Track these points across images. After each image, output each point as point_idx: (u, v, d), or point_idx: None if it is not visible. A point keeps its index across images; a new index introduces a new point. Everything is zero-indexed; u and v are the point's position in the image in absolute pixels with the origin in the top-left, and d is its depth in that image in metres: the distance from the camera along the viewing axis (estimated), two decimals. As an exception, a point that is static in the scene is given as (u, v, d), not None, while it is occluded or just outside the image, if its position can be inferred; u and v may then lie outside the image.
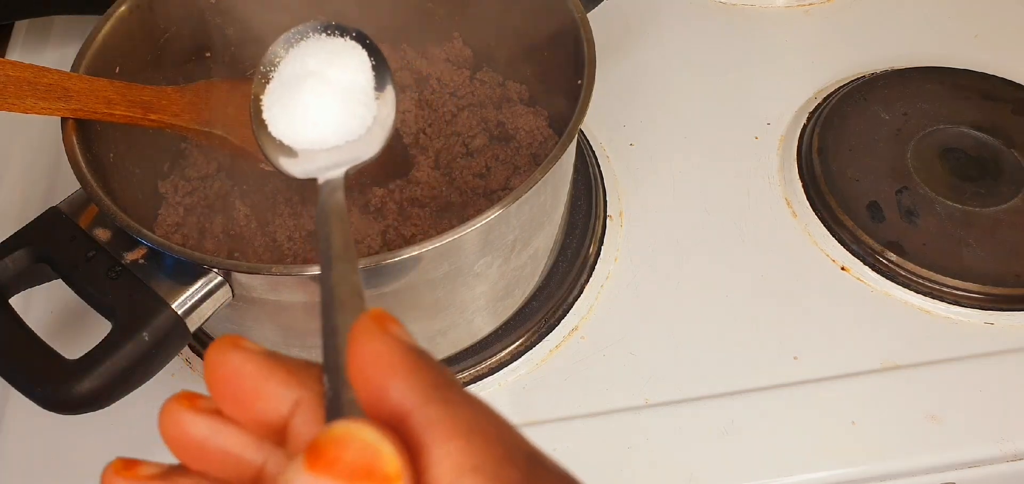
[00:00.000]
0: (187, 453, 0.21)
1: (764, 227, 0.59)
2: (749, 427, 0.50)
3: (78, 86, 0.48)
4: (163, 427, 0.22)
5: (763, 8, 0.75)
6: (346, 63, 0.35)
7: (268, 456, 0.22)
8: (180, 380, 0.54)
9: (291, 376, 0.21)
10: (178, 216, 0.56)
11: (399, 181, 0.57)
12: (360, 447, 0.17)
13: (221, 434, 0.21)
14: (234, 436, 0.21)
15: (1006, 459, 0.48)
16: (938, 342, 0.53)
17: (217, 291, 0.44)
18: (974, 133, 0.62)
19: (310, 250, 0.53)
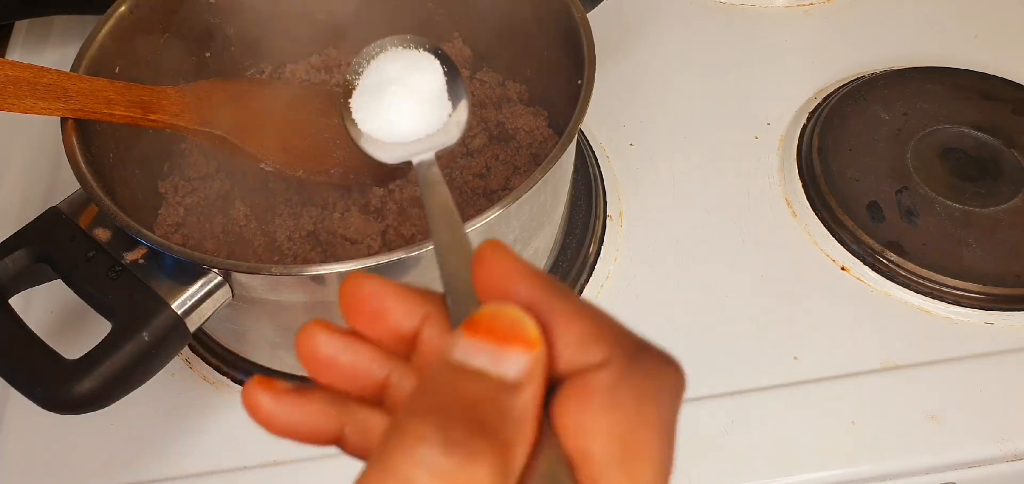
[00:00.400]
0: (318, 368, 0.24)
1: (764, 227, 0.59)
2: (749, 427, 0.50)
3: (78, 86, 0.48)
4: (298, 345, 0.24)
5: (763, 8, 0.75)
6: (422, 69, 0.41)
7: (393, 369, 0.24)
8: (180, 380, 0.54)
9: (420, 296, 0.24)
10: (178, 216, 0.56)
11: (399, 181, 0.57)
12: (508, 319, 0.20)
13: (350, 350, 0.24)
14: (362, 352, 0.24)
15: (1006, 459, 0.48)
16: (938, 342, 0.53)
17: (217, 291, 0.44)
18: (974, 133, 0.62)
19: (310, 250, 0.53)
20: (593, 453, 0.19)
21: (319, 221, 0.55)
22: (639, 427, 0.19)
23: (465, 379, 0.19)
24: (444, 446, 0.18)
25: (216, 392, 0.54)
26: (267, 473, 0.50)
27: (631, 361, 0.20)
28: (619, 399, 0.19)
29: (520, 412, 0.19)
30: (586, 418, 0.19)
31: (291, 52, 0.64)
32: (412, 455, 0.18)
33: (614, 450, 0.19)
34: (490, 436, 0.18)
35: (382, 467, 0.19)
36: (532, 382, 0.19)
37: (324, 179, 0.56)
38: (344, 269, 0.43)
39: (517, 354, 0.20)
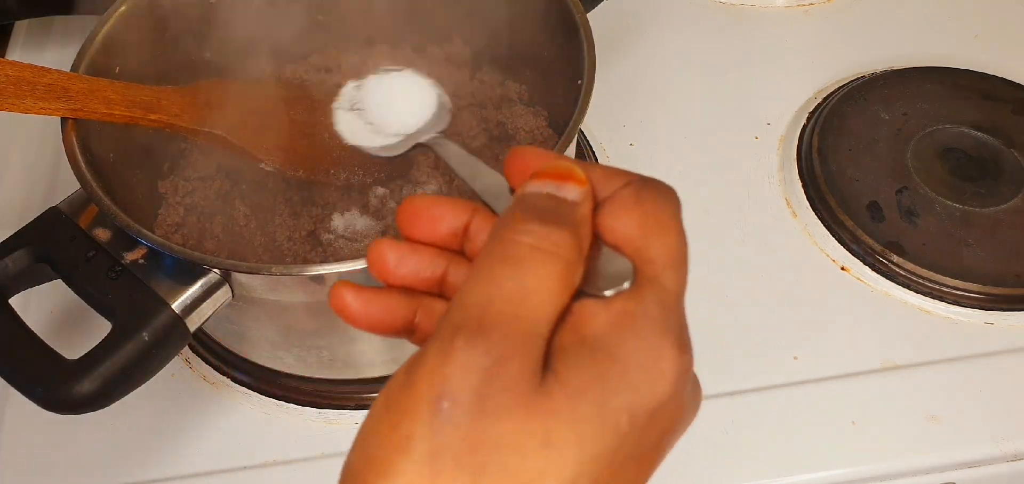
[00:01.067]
0: (388, 273, 0.28)
1: (764, 227, 0.59)
2: (749, 427, 0.50)
3: (78, 86, 0.48)
4: (370, 259, 0.28)
5: (763, 8, 0.75)
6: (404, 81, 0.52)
7: (449, 263, 0.29)
8: (180, 380, 0.54)
9: (465, 201, 0.29)
10: (178, 216, 0.56)
11: (399, 181, 0.57)
12: (564, 165, 0.26)
13: (413, 253, 0.28)
14: (422, 252, 0.29)
15: (1005, 459, 0.48)
16: (938, 342, 0.53)
17: (217, 291, 0.44)
18: (974, 133, 0.62)
19: (310, 250, 0.53)
20: (631, 236, 0.25)
21: (319, 221, 0.55)
22: (660, 210, 0.25)
23: (539, 199, 0.26)
24: (538, 220, 0.24)
25: (216, 392, 0.54)
26: (267, 473, 0.50)
27: (644, 181, 0.26)
28: (641, 198, 0.26)
29: (581, 218, 0.25)
30: (620, 215, 0.25)
31: (291, 52, 0.64)
32: (514, 228, 0.24)
33: (647, 226, 0.25)
34: (565, 221, 0.25)
35: (495, 241, 0.24)
36: (585, 203, 0.25)
37: (324, 179, 0.56)
38: (344, 269, 0.43)
39: (573, 185, 0.26)
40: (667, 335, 0.24)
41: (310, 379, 0.53)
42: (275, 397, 0.53)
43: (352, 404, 0.52)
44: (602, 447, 0.22)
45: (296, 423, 0.52)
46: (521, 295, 0.23)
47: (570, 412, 0.22)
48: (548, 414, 0.21)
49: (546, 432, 0.21)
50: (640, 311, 0.24)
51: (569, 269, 0.24)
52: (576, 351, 0.23)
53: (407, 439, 0.21)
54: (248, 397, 0.53)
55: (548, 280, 0.23)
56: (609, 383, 0.22)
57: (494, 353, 0.22)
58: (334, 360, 0.51)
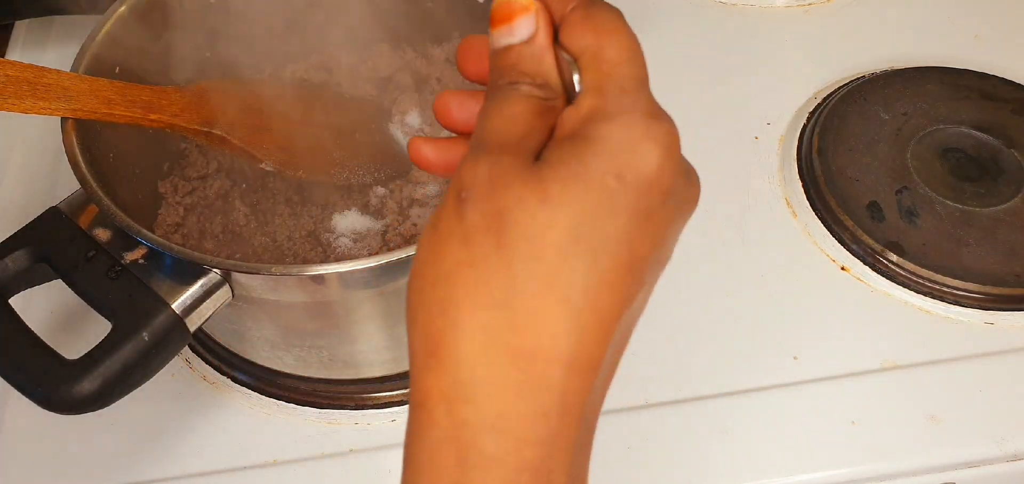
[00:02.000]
0: (453, 119, 0.33)
1: (764, 227, 0.59)
2: (749, 427, 0.50)
3: (78, 86, 0.48)
4: (437, 112, 0.33)
5: (763, 8, 0.75)
6: None
7: None
8: (180, 380, 0.54)
9: None
10: (178, 216, 0.56)
11: (399, 181, 0.57)
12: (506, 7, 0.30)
13: (471, 99, 0.33)
14: (477, 98, 0.32)
15: (1006, 459, 0.48)
16: (938, 342, 0.53)
17: (217, 291, 0.44)
18: (974, 133, 0.62)
19: (310, 250, 0.54)
20: (586, 46, 0.29)
21: (319, 221, 0.55)
22: (607, 19, 0.29)
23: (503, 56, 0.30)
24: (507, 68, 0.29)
25: (216, 392, 0.54)
26: (267, 473, 0.50)
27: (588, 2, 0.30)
28: (590, 13, 0.29)
29: (540, 48, 0.29)
30: (574, 32, 0.29)
31: (291, 52, 0.64)
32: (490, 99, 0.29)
33: (598, 34, 0.29)
34: (524, 62, 0.29)
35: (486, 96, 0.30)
36: (539, 30, 0.29)
37: (324, 179, 0.56)
38: (344, 269, 0.43)
39: (522, 19, 0.29)
40: (634, 110, 0.27)
41: (310, 379, 0.53)
42: (275, 397, 0.53)
43: (352, 404, 0.52)
44: (594, 199, 0.26)
45: (296, 423, 0.52)
46: (506, 122, 0.28)
47: (557, 176, 0.26)
48: (540, 180, 0.26)
49: (543, 192, 0.26)
50: (603, 102, 0.28)
51: (538, 95, 0.29)
52: (558, 144, 0.27)
53: (446, 225, 0.27)
54: (248, 397, 0.53)
55: (524, 107, 0.28)
56: (585, 154, 0.26)
57: (492, 155, 0.27)
58: (334, 360, 0.51)
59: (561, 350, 0.26)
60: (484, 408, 0.26)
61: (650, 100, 0.29)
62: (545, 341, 0.26)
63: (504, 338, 0.26)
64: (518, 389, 0.26)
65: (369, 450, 0.51)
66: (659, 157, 0.27)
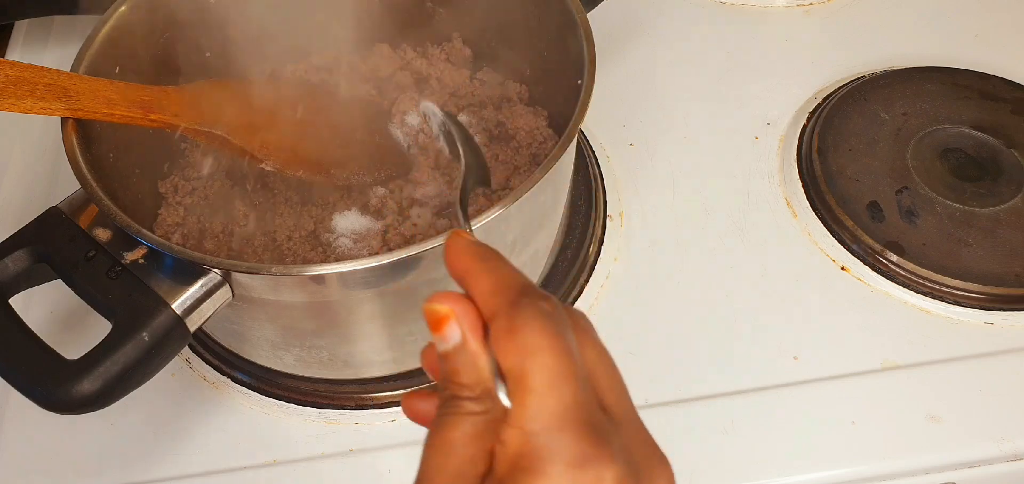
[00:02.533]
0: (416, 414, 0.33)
1: (764, 227, 0.59)
2: (749, 427, 0.50)
3: (78, 86, 0.48)
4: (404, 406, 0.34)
5: (763, 8, 0.75)
6: None
7: None
8: (180, 380, 0.54)
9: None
10: (178, 216, 0.56)
11: (399, 181, 0.57)
12: (430, 312, 0.30)
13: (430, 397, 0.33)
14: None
15: (1006, 459, 0.48)
16: (938, 342, 0.53)
17: (217, 291, 0.44)
18: (974, 133, 0.62)
19: (310, 250, 0.53)
20: (510, 366, 0.28)
21: (319, 221, 0.55)
22: (533, 336, 0.28)
23: (445, 362, 0.30)
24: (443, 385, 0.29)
25: (216, 392, 0.54)
26: (267, 473, 0.50)
27: (517, 307, 0.28)
28: (514, 327, 0.28)
29: (472, 355, 0.29)
30: (499, 348, 0.28)
31: (291, 52, 0.64)
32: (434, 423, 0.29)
33: (523, 354, 0.27)
34: (466, 386, 0.29)
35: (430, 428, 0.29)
36: (467, 337, 0.29)
37: (324, 179, 0.56)
38: (344, 269, 0.43)
39: (446, 329, 0.29)
40: (556, 460, 0.26)
41: (310, 379, 0.53)
42: (275, 397, 0.53)
43: (352, 404, 0.52)
44: None
45: (296, 423, 0.52)
46: (444, 457, 0.28)
47: None
48: None
49: None
50: (527, 446, 0.26)
51: (476, 411, 0.28)
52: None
53: None
54: (248, 397, 0.53)
55: (462, 433, 0.28)
56: None
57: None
58: (334, 360, 0.51)
59: None
60: None
61: (577, 440, 0.27)
62: None
63: None
64: None
65: (369, 450, 0.51)
66: None
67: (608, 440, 0.27)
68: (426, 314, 0.29)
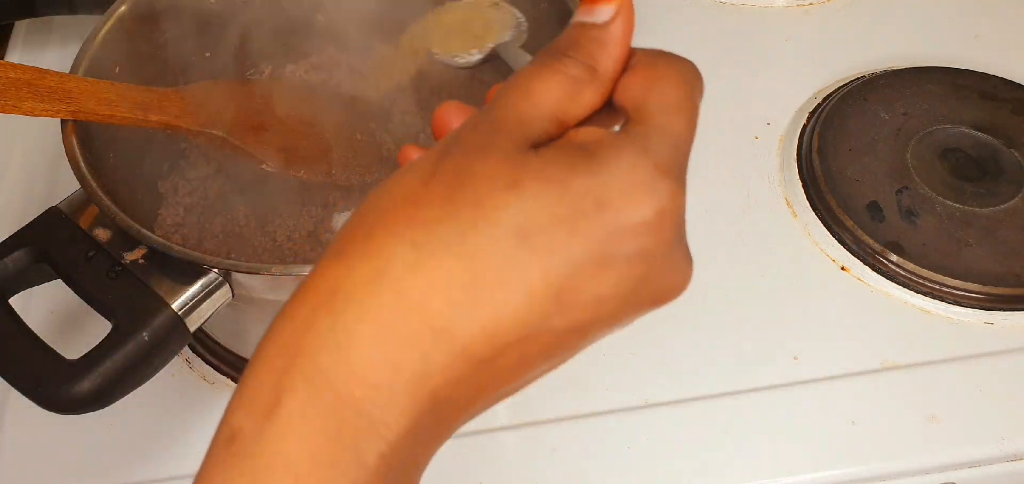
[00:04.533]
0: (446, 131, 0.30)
1: (764, 227, 0.59)
2: (749, 427, 0.50)
3: (78, 87, 0.48)
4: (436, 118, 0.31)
5: (763, 8, 0.75)
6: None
7: None
8: (180, 380, 0.54)
9: None
10: (178, 216, 0.56)
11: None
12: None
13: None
14: None
15: (1006, 459, 0.48)
16: (938, 342, 0.53)
17: (217, 291, 0.44)
18: (974, 133, 0.62)
19: (310, 250, 0.53)
20: (634, 93, 0.27)
21: (319, 221, 0.55)
22: (669, 73, 0.28)
23: (570, 31, 0.28)
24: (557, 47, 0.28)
25: (216, 392, 0.54)
26: (267, 473, 0.50)
27: (664, 54, 0.29)
28: (655, 62, 0.28)
29: (607, 37, 0.28)
30: (631, 76, 0.28)
31: (291, 52, 0.64)
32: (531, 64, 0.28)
33: (650, 84, 0.28)
34: (577, 46, 0.28)
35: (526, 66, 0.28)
36: (618, 18, 0.28)
37: (324, 179, 0.56)
38: (344, 269, 0.43)
39: (606, 4, 0.28)
40: (646, 156, 0.25)
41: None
42: (275, 397, 0.53)
43: (352, 404, 0.52)
44: (561, 210, 0.24)
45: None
46: (524, 92, 0.27)
47: (537, 172, 0.25)
48: (520, 166, 0.25)
49: (515, 177, 0.25)
50: (624, 139, 0.26)
51: (572, 83, 0.27)
52: (561, 145, 0.26)
53: (421, 165, 0.26)
54: (248, 397, 0.53)
55: (552, 85, 0.27)
56: (579, 167, 0.25)
57: (491, 120, 0.26)
58: (334, 360, 0.51)
59: (453, 326, 0.24)
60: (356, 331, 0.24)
61: (674, 160, 0.26)
62: (439, 306, 0.24)
63: (405, 280, 0.24)
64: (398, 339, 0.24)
65: (369, 450, 0.51)
66: (648, 215, 0.25)
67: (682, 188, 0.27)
68: None
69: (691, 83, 0.29)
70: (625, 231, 0.25)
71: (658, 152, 0.26)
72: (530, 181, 0.25)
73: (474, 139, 0.26)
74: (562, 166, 0.25)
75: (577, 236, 0.24)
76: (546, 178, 0.25)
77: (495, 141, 0.26)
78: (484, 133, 0.26)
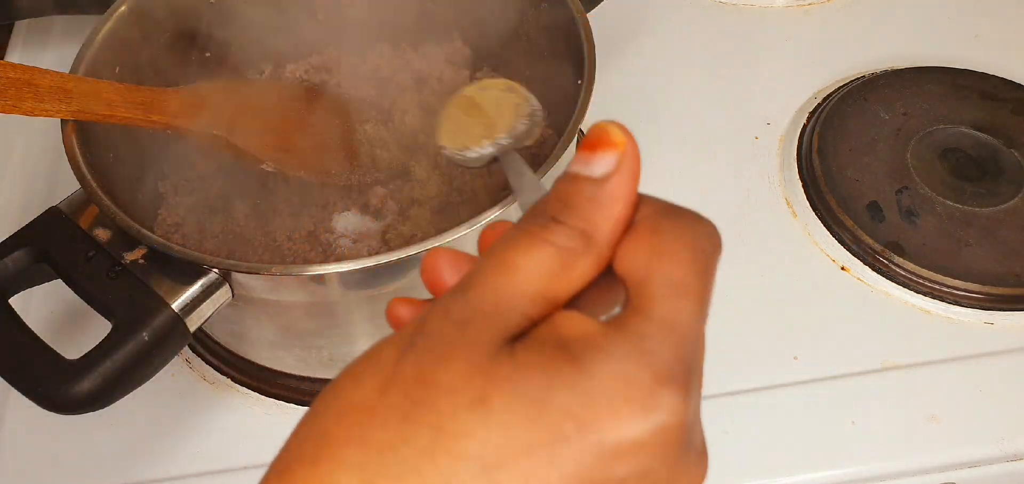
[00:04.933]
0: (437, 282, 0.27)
1: (764, 227, 0.59)
2: (749, 427, 0.50)
3: (78, 87, 0.48)
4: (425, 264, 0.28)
5: (763, 8, 0.75)
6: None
7: None
8: (180, 380, 0.54)
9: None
10: (178, 216, 0.56)
11: (399, 181, 0.57)
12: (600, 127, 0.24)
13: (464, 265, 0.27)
14: None
15: (1006, 459, 0.48)
16: (938, 342, 0.53)
17: (217, 291, 0.44)
18: (974, 133, 0.62)
19: (310, 250, 0.54)
20: (636, 265, 0.23)
21: (319, 221, 0.55)
22: (676, 241, 0.23)
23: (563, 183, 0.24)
24: (542, 209, 0.24)
25: (216, 392, 0.54)
26: (267, 473, 0.50)
27: (671, 210, 0.25)
28: (659, 227, 0.24)
29: (605, 196, 0.24)
30: (632, 242, 0.24)
31: (291, 52, 0.64)
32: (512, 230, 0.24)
33: (655, 255, 0.23)
34: (569, 208, 0.24)
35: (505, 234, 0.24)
36: (619, 172, 0.24)
37: (324, 179, 0.56)
38: (344, 269, 0.43)
39: (604, 154, 0.24)
40: (642, 362, 0.22)
41: (310, 379, 0.53)
42: (275, 397, 0.53)
43: (352, 404, 0.52)
44: (537, 436, 0.21)
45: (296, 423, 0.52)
46: (504, 268, 0.23)
47: (509, 385, 0.21)
48: (489, 376, 0.21)
49: (482, 393, 0.21)
50: (618, 338, 0.22)
51: (562, 256, 0.23)
52: (542, 341, 0.22)
53: (382, 363, 0.23)
54: (248, 397, 0.53)
55: (536, 260, 0.23)
56: (559, 377, 0.21)
57: (464, 303, 0.23)
58: (334, 360, 0.51)
59: None
60: None
61: (679, 360, 0.23)
62: None
63: None
64: None
65: (369, 450, 0.51)
66: (643, 435, 0.21)
67: (694, 391, 0.23)
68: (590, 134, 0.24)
69: (706, 252, 0.24)
70: (616, 454, 0.21)
71: (659, 354, 0.22)
72: (500, 397, 0.21)
73: (442, 331, 0.23)
74: (539, 375, 0.21)
75: (556, 467, 0.21)
76: (519, 394, 0.21)
77: (465, 336, 0.22)
78: (454, 323, 0.23)
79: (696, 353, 0.24)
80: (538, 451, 0.21)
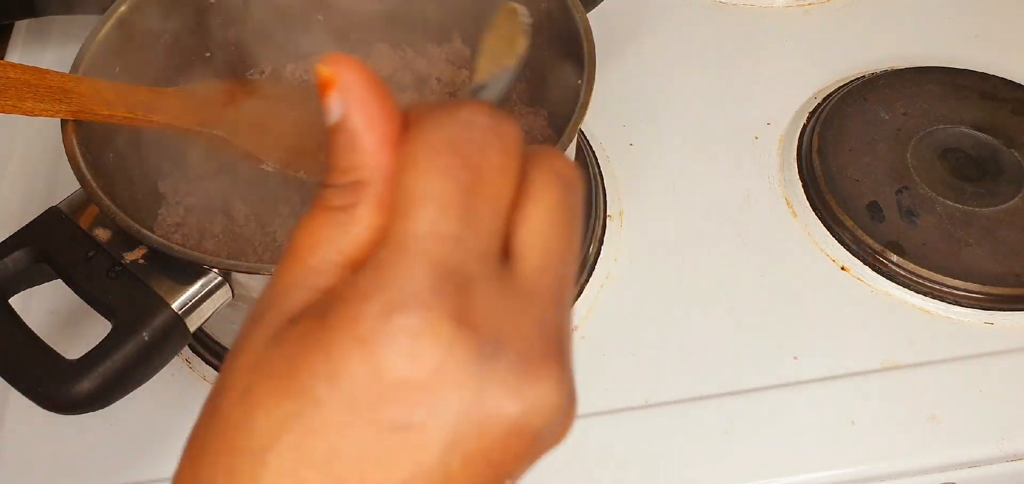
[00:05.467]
0: None
1: (764, 227, 0.59)
2: (749, 427, 0.50)
3: (78, 88, 0.48)
4: None
5: (763, 8, 0.75)
6: None
7: None
8: (180, 380, 0.54)
9: None
10: (178, 216, 0.56)
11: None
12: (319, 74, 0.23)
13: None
14: None
15: (1006, 459, 0.48)
16: (938, 342, 0.53)
17: (217, 291, 0.44)
18: (974, 133, 0.62)
19: (310, 250, 0.53)
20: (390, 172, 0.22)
21: (319, 221, 0.55)
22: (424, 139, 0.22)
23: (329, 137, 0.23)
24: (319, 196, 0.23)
25: (216, 392, 0.54)
26: (267, 473, 0.50)
27: (427, 113, 0.23)
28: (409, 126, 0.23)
29: (350, 137, 0.23)
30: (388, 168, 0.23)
31: (291, 52, 0.64)
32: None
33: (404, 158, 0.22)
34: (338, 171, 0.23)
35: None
36: (350, 106, 0.23)
37: (324, 179, 0.56)
38: (344, 269, 0.43)
39: (326, 99, 0.23)
40: (374, 299, 0.20)
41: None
42: (275, 397, 0.53)
43: (352, 404, 0.52)
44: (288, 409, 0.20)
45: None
46: (291, 251, 0.23)
47: (268, 366, 0.21)
48: (255, 366, 0.22)
49: (248, 383, 0.21)
50: (359, 274, 0.21)
51: (339, 215, 0.22)
52: (311, 309, 0.22)
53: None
54: (248, 397, 0.53)
55: (314, 230, 0.23)
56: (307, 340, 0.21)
57: (260, 304, 0.23)
58: (334, 360, 0.51)
59: None
60: None
61: (408, 279, 0.20)
62: None
63: None
64: None
65: (369, 450, 0.51)
66: (392, 372, 0.19)
67: (467, 296, 0.20)
68: (315, 74, 0.23)
69: (464, 141, 0.22)
70: (379, 401, 0.20)
71: (390, 281, 0.20)
72: (260, 381, 0.21)
73: (242, 331, 0.23)
74: (291, 346, 0.21)
75: (318, 435, 0.20)
76: (271, 372, 0.21)
77: (253, 331, 0.22)
78: (250, 319, 0.23)
79: (445, 264, 0.20)
80: (294, 422, 0.20)
